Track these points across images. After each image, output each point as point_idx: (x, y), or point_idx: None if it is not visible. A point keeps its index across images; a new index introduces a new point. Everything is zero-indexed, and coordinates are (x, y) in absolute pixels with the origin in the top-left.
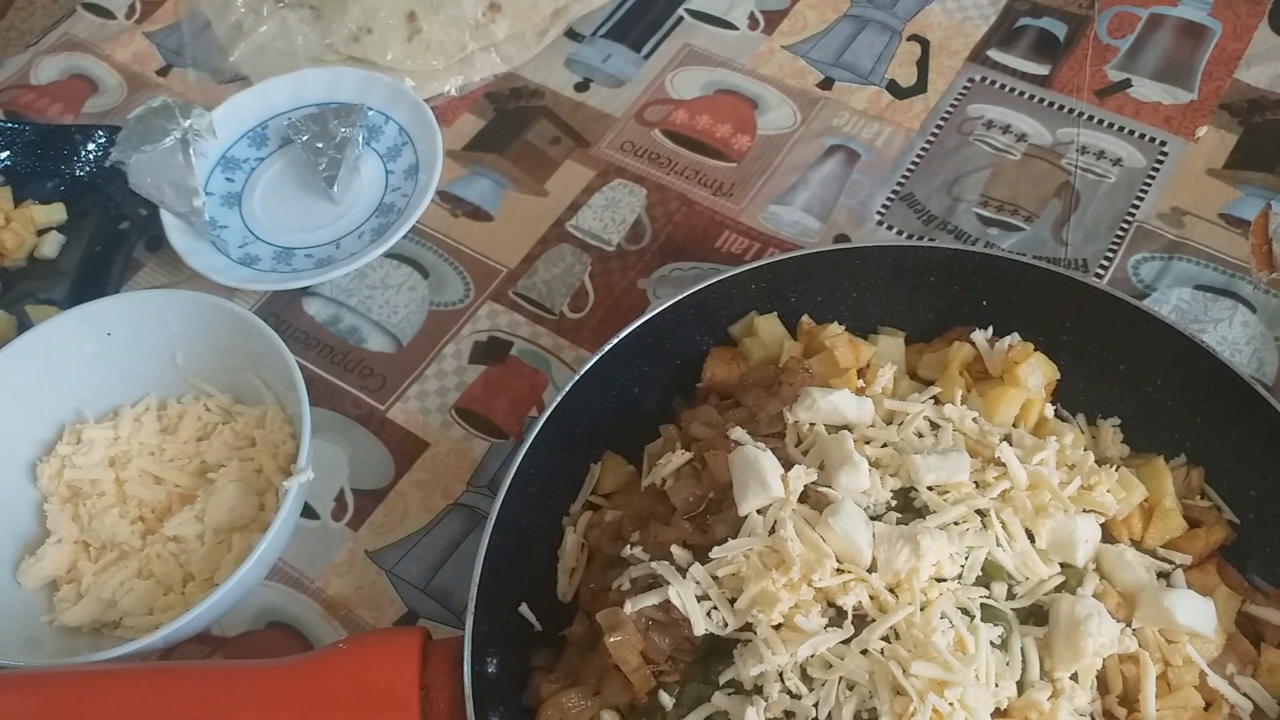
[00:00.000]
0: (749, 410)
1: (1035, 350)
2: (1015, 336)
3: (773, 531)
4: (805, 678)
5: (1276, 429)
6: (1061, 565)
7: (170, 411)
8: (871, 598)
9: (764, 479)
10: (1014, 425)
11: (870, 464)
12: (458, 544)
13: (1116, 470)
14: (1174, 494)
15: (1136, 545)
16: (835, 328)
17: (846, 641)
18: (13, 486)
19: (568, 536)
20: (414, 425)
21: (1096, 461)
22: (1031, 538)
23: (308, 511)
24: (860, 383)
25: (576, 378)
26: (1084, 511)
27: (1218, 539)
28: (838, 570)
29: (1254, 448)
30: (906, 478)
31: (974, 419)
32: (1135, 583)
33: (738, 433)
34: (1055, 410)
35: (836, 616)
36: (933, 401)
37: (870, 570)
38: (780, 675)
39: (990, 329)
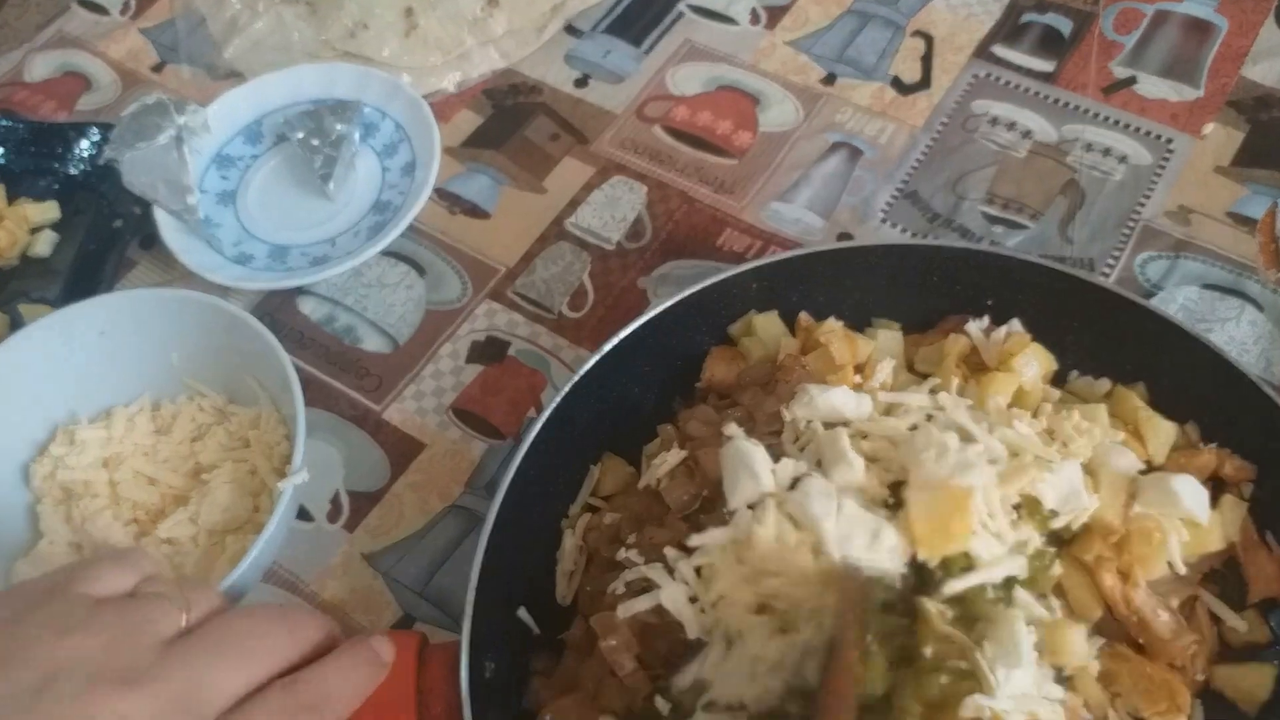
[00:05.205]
0: (747, 409)
1: (1033, 341)
2: (1015, 323)
3: None
4: None
5: None
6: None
7: (164, 412)
8: None
9: (754, 472)
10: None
11: (866, 459)
12: (455, 546)
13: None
14: (1146, 405)
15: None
16: (831, 323)
17: None
18: (5, 488)
19: (566, 539)
20: (410, 426)
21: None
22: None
23: (302, 513)
24: (857, 378)
25: (575, 378)
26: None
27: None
28: None
29: (1260, 447)
30: (901, 471)
31: (968, 407)
32: (1129, 468)
33: (730, 427)
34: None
35: None
36: (930, 394)
37: None
38: None
39: (985, 319)
